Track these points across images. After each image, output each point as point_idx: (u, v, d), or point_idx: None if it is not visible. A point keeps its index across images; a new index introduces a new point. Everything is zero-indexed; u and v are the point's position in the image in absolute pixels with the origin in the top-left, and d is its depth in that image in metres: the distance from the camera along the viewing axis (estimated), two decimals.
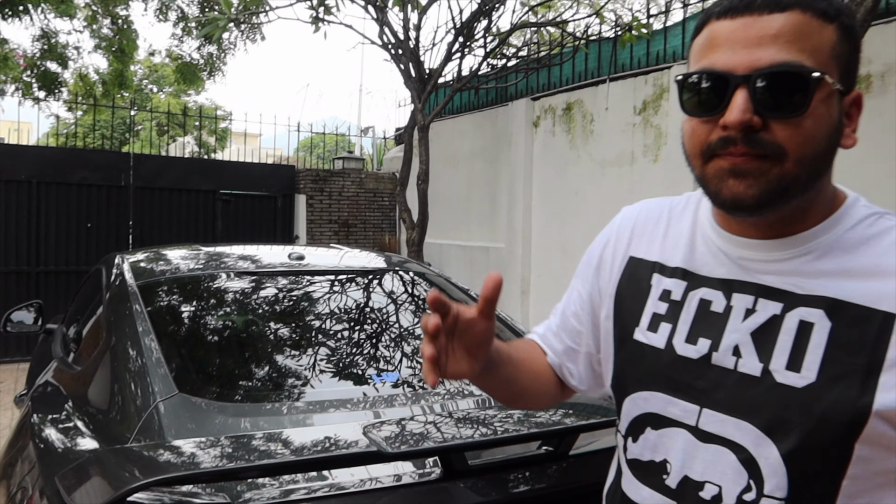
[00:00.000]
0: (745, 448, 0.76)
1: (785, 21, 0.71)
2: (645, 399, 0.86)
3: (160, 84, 23.10)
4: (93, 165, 7.57)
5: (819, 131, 0.73)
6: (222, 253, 2.74)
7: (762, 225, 0.79)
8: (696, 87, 0.76)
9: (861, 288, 0.73)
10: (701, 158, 0.77)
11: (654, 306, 0.88)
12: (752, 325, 0.78)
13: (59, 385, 2.12)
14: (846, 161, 3.65)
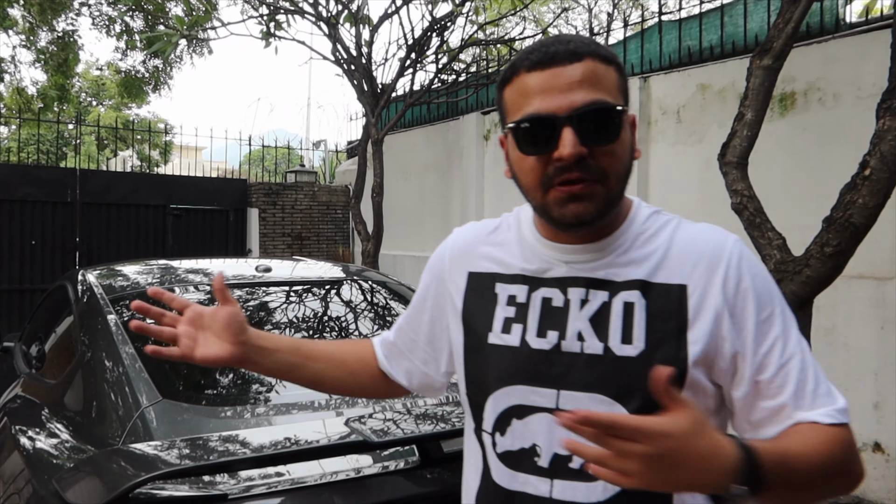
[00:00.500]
0: None
1: (583, 68, 0.87)
2: (507, 394, 0.95)
3: (100, 97, 22.56)
4: (37, 182, 7.41)
5: (625, 152, 0.91)
6: (189, 267, 2.79)
7: (584, 233, 0.94)
8: (528, 130, 0.89)
9: (659, 269, 0.93)
10: (541, 189, 0.90)
11: (503, 311, 0.98)
12: (588, 313, 0.93)
13: (33, 398, 2.15)
14: (775, 174, 3.95)
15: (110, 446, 1.55)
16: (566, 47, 0.87)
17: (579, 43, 0.89)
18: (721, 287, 0.90)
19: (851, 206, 2.66)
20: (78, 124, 11.74)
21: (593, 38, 0.94)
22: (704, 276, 0.91)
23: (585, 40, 0.90)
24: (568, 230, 0.93)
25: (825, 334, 4.11)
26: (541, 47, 0.89)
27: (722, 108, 4.68)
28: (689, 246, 0.94)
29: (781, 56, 3.09)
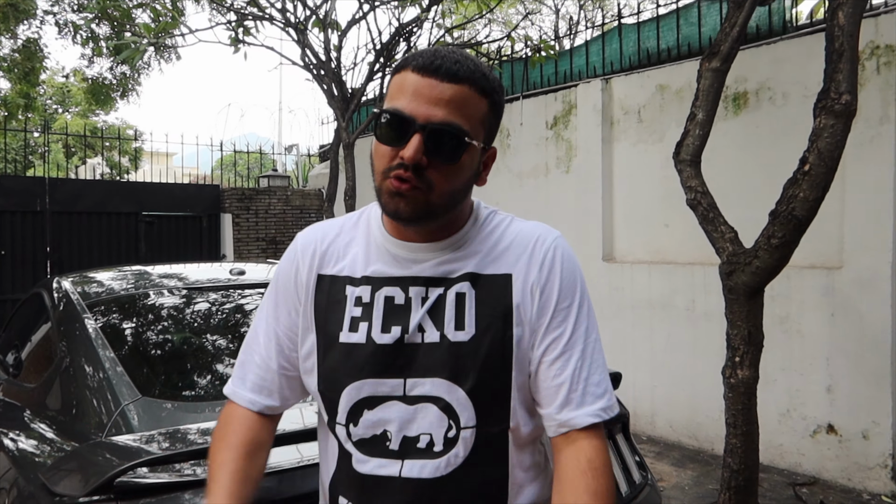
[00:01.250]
0: (441, 398, 1.00)
1: (456, 91, 0.94)
2: (358, 388, 1.02)
3: (66, 104, 22.26)
4: (5, 191, 7.36)
5: (461, 176, 0.98)
6: (163, 272, 2.87)
7: (421, 233, 1.04)
8: (388, 122, 0.96)
9: (490, 263, 1.04)
10: (382, 175, 0.98)
11: (351, 312, 1.05)
12: (427, 307, 1.02)
13: (13, 401, 2.22)
14: (730, 170, 4.13)
15: (93, 441, 1.64)
16: (451, 66, 0.94)
17: (465, 67, 0.95)
18: (536, 274, 1.03)
19: (794, 199, 2.83)
20: (45, 132, 11.60)
21: (483, 66, 0.98)
22: (525, 266, 1.03)
23: (472, 65, 0.96)
24: (393, 219, 1.02)
25: (780, 322, 4.30)
26: (432, 55, 0.95)
27: (680, 108, 4.85)
28: (517, 240, 1.06)
29: (728, 58, 3.25)
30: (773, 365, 4.28)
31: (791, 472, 4.27)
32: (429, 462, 1.00)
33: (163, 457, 1.38)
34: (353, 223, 1.13)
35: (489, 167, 1.05)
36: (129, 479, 1.35)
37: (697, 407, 4.75)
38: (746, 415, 3.39)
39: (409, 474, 1.00)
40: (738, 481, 3.42)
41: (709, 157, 4.42)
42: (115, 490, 1.33)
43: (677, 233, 4.98)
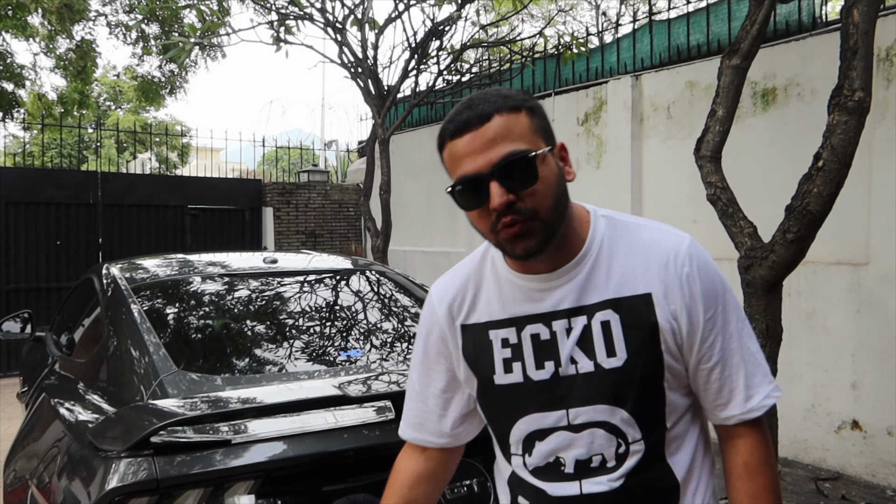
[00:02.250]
0: (607, 421, 1.07)
1: (492, 126, 0.99)
2: (526, 423, 1.11)
3: (118, 101, 23.03)
4: (61, 185, 7.77)
5: (550, 186, 1.02)
6: (201, 259, 3.07)
7: (549, 259, 1.07)
8: (463, 191, 1.02)
9: (625, 284, 1.07)
10: (492, 234, 1.04)
11: (500, 354, 1.11)
12: (574, 339, 1.07)
13: (67, 374, 2.44)
14: (758, 166, 4.18)
15: (134, 404, 1.82)
16: (475, 111, 1.00)
17: (486, 103, 1.01)
18: (678, 292, 1.05)
19: (808, 195, 2.88)
20: (98, 128, 12.10)
21: (500, 91, 1.04)
22: (663, 282, 1.05)
23: (491, 98, 1.02)
24: (526, 260, 1.05)
25: (806, 318, 4.32)
26: (456, 116, 1.02)
27: (709, 104, 4.85)
28: (650, 254, 1.07)
29: (749, 56, 3.30)
30: (798, 360, 4.30)
31: (815, 467, 4.28)
32: (604, 478, 1.08)
33: (194, 417, 1.55)
34: (476, 266, 1.18)
35: (567, 160, 1.08)
36: (165, 436, 1.52)
37: None
38: None
39: (589, 491, 1.08)
40: None
41: (736, 153, 4.46)
42: (153, 446, 1.50)
43: (706, 228, 5.00)
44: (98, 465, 1.55)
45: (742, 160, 4.62)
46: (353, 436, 1.67)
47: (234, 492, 1.54)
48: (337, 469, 1.65)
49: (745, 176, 4.50)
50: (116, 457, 1.51)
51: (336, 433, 1.66)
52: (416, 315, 2.79)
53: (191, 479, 1.49)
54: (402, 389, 1.75)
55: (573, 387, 1.07)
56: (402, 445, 1.29)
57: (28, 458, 1.99)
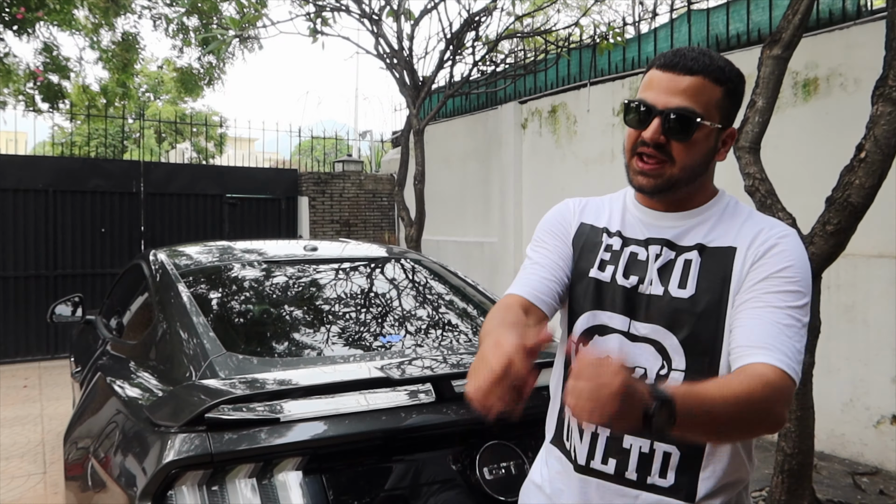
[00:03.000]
0: (658, 341, 1.20)
1: (690, 82, 1.14)
2: (594, 316, 1.27)
3: (157, 92, 23.47)
4: (106, 174, 7.99)
5: (698, 151, 1.17)
6: (244, 246, 3.16)
7: (665, 202, 1.24)
8: (635, 109, 1.18)
9: (719, 238, 1.20)
10: (630, 153, 1.21)
11: (602, 255, 1.29)
12: (658, 265, 1.22)
13: (119, 355, 2.55)
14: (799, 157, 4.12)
15: (188, 383, 1.91)
16: (688, 62, 1.14)
17: (700, 62, 1.14)
18: (758, 249, 1.16)
19: (850, 186, 2.85)
20: (141, 119, 12.39)
21: (718, 59, 1.16)
22: (750, 242, 1.17)
23: (707, 60, 1.15)
24: (636, 190, 1.25)
25: (845, 311, 4.26)
26: (674, 54, 1.17)
27: (748, 95, 4.81)
28: (751, 224, 1.20)
29: (790, 46, 3.26)
30: (836, 354, 4.25)
31: (853, 461, 4.24)
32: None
33: (245, 396, 1.62)
34: (614, 196, 1.37)
35: (729, 145, 1.22)
36: (218, 414, 1.60)
37: None
38: (802, 399, 3.42)
39: None
40: (792, 465, 3.46)
41: (776, 143, 4.40)
42: (207, 423, 1.58)
43: None
44: (155, 439, 1.63)
45: (781, 151, 4.56)
46: (395, 417, 1.73)
47: (282, 468, 1.61)
48: (379, 449, 1.71)
49: (784, 167, 4.45)
50: (173, 432, 1.59)
51: (378, 414, 1.72)
52: (452, 302, 2.84)
53: (242, 454, 1.57)
54: (442, 373, 1.81)
55: (642, 303, 1.21)
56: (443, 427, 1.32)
57: (87, 432, 2.09)
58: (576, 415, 0.90)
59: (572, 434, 1.27)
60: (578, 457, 1.25)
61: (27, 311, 7.64)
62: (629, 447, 1.19)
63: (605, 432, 1.21)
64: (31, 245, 7.62)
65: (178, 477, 1.54)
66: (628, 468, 1.19)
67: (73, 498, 2.06)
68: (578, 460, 1.25)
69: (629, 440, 1.19)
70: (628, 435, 1.19)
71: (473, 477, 1.74)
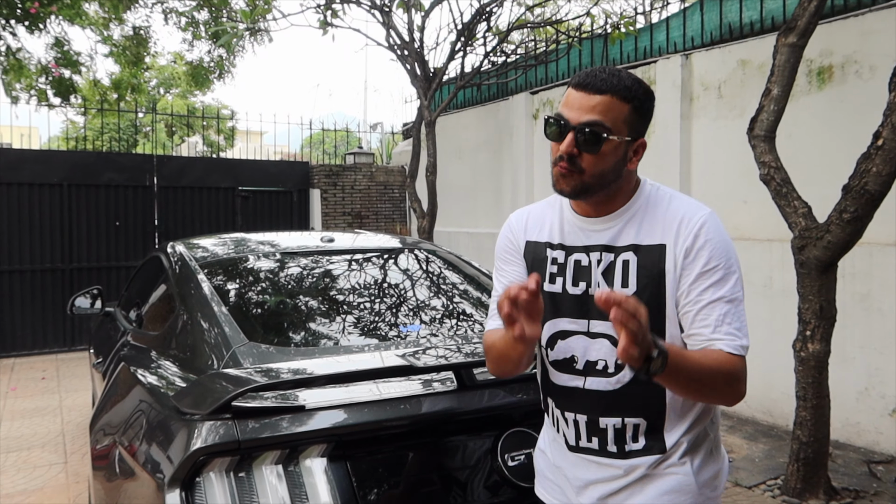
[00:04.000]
0: (612, 336, 1.33)
1: (600, 100, 1.27)
2: (555, 324, 1.42)
3: (167, 86, 23.53)
4: (119, 167, 8.04)
5: (607, 161, 1.30)
6: (260, 238, 3.19)
7: (593, 207, 1.38)
8: (554, 124, 1.31)
9: (649, 235, 1.34)
10: (552, 164, 1.33)
11: (550, 268, 1.43)
12: (602, 269, 1.37)
13: (141, 345, 2.59)
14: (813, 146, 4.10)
15: (213, 372, 1.94)
16: (598, 81, 1.27)
17: (609, 81, 1.27)
18: (684, 242, 1.31)
19: (866, 174, 2.84)
20: (153, 113, 12.45)
21: (627, 78, 1.28)
22: (676, 236, 1.32)
23: (615, 80, 1.27)
24: (561, 195, 1.38)
25: (860, 300, 4.25)
26: (588, 74, 1.29)
27: (761, 83, 4.77)
28: (673, 215, 1.34)
29: (806, 33, 3.25)
30: (851, 343, 4.25)
31: (868, 450, 4.24)
32: (604, 379, 1.37)
33: (270, 384, 1.65)
34: (551, 203, 1.50)
35: (640, 154, 1.34)
36: (244, 402, 1.63)
37: (773, 383, 4.75)
38: (817, 388, 3.43)
39: (590, 387, 1.38)
40: (807, 454, 3.47)
41: (791, 132, 4.39)
42: (233, 410, 1.61)
43: (756, 209, 4.95)
44: (182, 427, 1.66)
45: (796, 140, 4.54)
46: (418, 404, 1.76)
47: (307, 455, 1.63)
48: (403, 436, 1.74)
49: (799, 156, 4.43)
50: (200, 419, 1.62)
51: (401, 402, 1.74)
52: (467, 292, 2.86)
53: (268, 441, 1.59)
54: (464, 361, 1.83)
55: (595, 304, 1.23)
56: (465, 414, 1.50)
57: (113, 421, 2.13)
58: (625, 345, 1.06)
59: (559, 422, 1.46)
60: (569, 439, 1.44)
61: (44, 304, 7.72)
62: (605, 427, 1.38)
63: (583, 418, 1.40)
64: (47, 238, 7.70)
65: (205, 464, 1.57)
66: (608, 443, 1.38)
67: (100, 484, 2.10)
68: (569, 442, 1.44)
69: (604, 421, 1.38)
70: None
71: (495, 463, 1.76)
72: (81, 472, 4.04)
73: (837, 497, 3.50)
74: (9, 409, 5.49)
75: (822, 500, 3.45)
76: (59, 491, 3.80)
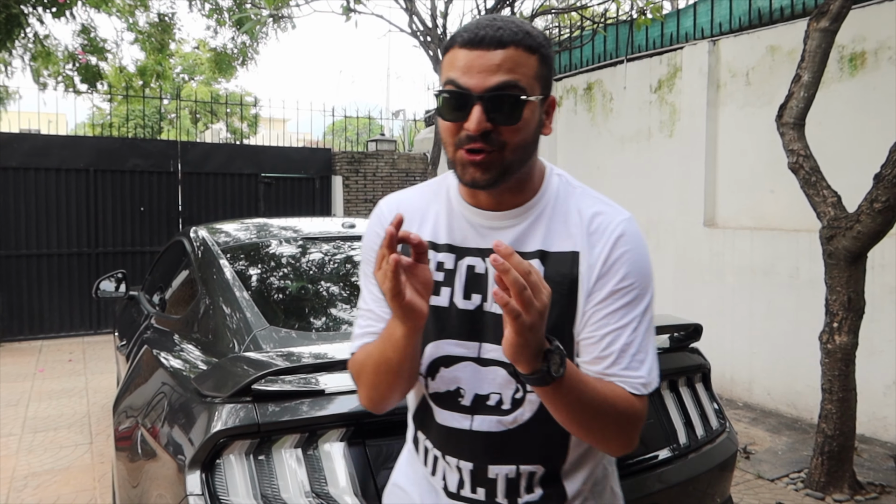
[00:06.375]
0: (508, 363, 1.03)
1: (504, 55, 0.98)
2: (437, 346, 1.10)
3: (191, 73, 23.69)
4: (144, 153, 8.13)
5: (528, 130, 1.02)
6: (282, 224, 3.20)
7: (497, 197, 1.08)
8: (447, 100, 1.01)
9: (558, 241, 1.08)
10: (452, 147, 1.03)
11: (435, 276, 1.08)
12: None
13: (164, 328, 2.62)
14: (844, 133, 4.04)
15: (234, 355, 1.95)
16: (494, 33, 0.98)
17: (508, 30, 0.99)
18: (600, 254, 1.06)
19: None
20: (178, 99, 12.54)
21: (524, 25, 1.02)
22: (591, 244, 1.07)
23: (514, 27, 1.00)
24: (470, 188, 1.06)
25: (890, 292, 4.16)
26: (475, 28, 1.00)
27: (791, 70, 4.68)
28: (586, 218, 1.09)
29: (839, 18, 3.16)
30: (880, 336, 4.17)
31: (894, 445, 4.17)
32: (497, 418, 1.09)
33: (290, 368, 1.65)
34: (434, 191, 1.17)
35: (551, 115, 1.09)
36: (263, 385, 1.64)
37: (798, 375, 4.68)
38: (843, 381, 3.37)
39: (479, 428, 1.10)
40: (832, 447, 3.42)
41: (821, 119, 4.29)
42: (253, 393, 1.62)
43: (783, 198, 4.86)
44: (203, 409, 1.67)
45: (826, 127, 4.44)
46: None
47: (326, 439, 1.64)
48: None
49: (829, 144, 4.34)
50: (220, 402, 1.63)
51: None
52: None
53: (288, 424, 1.60)
54: None
55: (491, 323, 1.07)
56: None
57: (135, 403, 2.16)
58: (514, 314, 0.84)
59: (437, 464, 1.18)
60: (449, 485, 1.17)
61: (70, 288, 7.85)
62: (495, 476, 1.12)
63: (468, 466, 1.13)
64: (74, 223, 7.81)
65: (226, 446, 1.58)
66: (497, 494, 1.13)
67: (123, 465, 2.13)
68: (449, 488, 1.17)
69: (494, 470, 1.12)
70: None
71: None
72: (106, 453, 4.11)
73: (862, 492, 3.45)
74: (37, 390, 5.60)
75: (847, 494, 3.40)
76: (85, 471, 3.87)
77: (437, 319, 1.10)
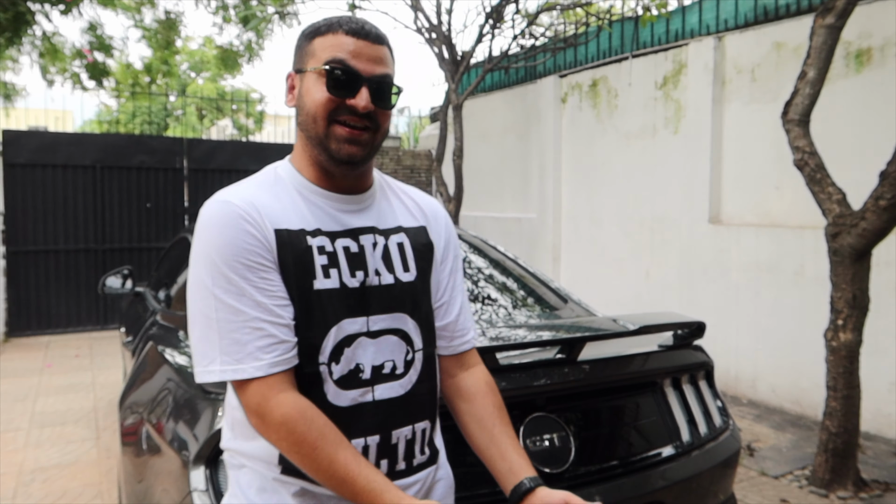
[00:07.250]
0: (400, 328, 1.18)
1: (384, 51, 1.15)
2: (339, 328, 1.12)
3: (197, 69, 23.72)
4: (150, 150, 8.16)
5: (390, 117, 1.20)
6: None
7: (354, 179, 1.18)
8: (338, 76, 1.11)
9: (405, 216, 1.27)
10: (325, 122, 1.12)
11: (319, 260, 1.11)
12: (378, 253, 1.18)
13: (169, 325, 2.63)
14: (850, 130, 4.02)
15: None
16: (375, 30, 1.15)
17: (381, 31, 1.17)
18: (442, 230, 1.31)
19: None
20: (184, 96, 12.56)
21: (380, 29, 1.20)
22: (433, 221, 1.30)
23: (381, 30, 1.18)
24: (338, 165, 1.13)
25: (895, 289, 4.15)
26: (358, 21, 1.14)
27: (797, 66, 4.66)
28: (419, 200, 1.32)
29: (844, 14, 3.15)
30: (884, 333, 4.15)
31: None
32: (394, 384, 1.17)
33: None
34: (271, 182, 1.17)
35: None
36: None
37: (802, 372, 4.68)
38: (847, 378, 3.37)
39: (381, 397, 1.16)
40: (836, 444, 3.42)
41: (826, 116, 4.28)
42: None
43: (788, 195, 4.85)
44: (207, 405, 1.69)
45: (831, 124, 4.43)
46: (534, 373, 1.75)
47: None
48: None
49: (834, 141, 4.32)
50: (224, 399, 1.64)
51: None
52: (492, 276, 2.85)
53: None
54: (485, 346, 1.83)
55: (375, 296, 1.17)
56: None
57: (141, 398, 2.17)
58: None
59: None
60: None
61: (77, 284, 7.89)
62: (396, 441, 1.18)
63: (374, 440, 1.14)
64: (80, 219, 7.85)
65: None
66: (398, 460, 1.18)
67: (129, 460, 2.15)
68: None
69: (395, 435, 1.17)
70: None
71: None
72: (113, 448, 4.13)
73: (867, 489, 3.44)
74: (44, 385, 5.64)
75: (851, 491, 3.40)
76: (91, 465, 3.90)
77: (333, 302, 1.12)
